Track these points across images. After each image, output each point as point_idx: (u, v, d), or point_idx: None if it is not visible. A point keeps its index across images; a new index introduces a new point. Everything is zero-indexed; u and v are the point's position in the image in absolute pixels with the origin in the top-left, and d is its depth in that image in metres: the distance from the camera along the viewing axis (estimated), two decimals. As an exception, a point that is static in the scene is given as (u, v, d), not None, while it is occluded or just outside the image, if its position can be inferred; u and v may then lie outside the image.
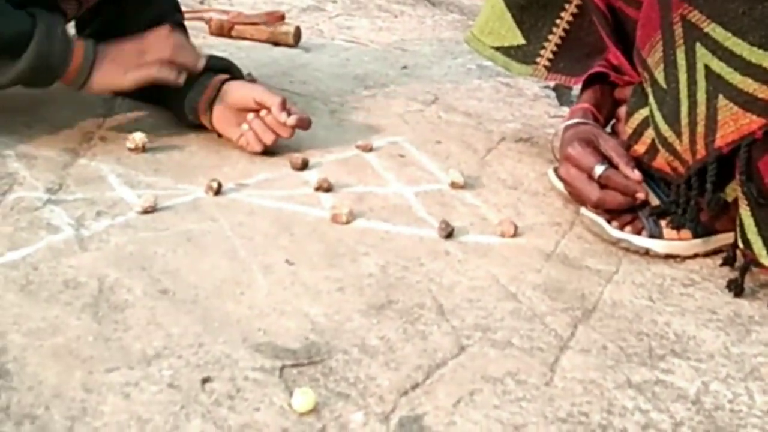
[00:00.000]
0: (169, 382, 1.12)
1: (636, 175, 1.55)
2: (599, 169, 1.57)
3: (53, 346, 1.16)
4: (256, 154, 1.73)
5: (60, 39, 1.60)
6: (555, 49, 1.79)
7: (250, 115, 1.74)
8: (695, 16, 1.41)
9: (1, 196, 1.49)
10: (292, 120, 1.71)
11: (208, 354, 1.18)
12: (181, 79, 1.72)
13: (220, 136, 1.78)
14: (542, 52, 1.79)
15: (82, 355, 1.15)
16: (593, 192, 1.57)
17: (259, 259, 1.41)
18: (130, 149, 1.68)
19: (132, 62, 1.68)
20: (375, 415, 1.11)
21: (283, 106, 1.71)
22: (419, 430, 1.09)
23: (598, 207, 1.58)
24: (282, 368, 1.17)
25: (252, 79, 2.08)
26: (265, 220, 1.52)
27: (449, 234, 1.53)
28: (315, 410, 1.10)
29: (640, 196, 1.55)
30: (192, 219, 1.50)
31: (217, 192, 1.58)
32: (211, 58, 1.82)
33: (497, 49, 1.83)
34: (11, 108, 1.69)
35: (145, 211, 1.49)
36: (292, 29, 2.45)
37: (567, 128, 1.68)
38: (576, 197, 1.64)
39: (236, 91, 1.76)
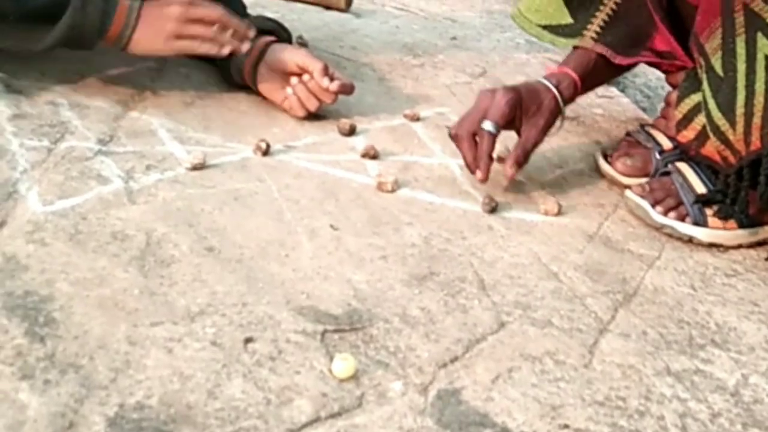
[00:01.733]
0: (212, 339, 1.13)
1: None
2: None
3: (99, 296, 1.17)
4: (304, 117, 1.73)
5: (97, 6, 1.58)
6: (602, 24, 1.77)
7: (294, 79, 1.73)
8: (758, 5, 1.39)
9: (53, 144, 1.50)
10: (334, 86, 1.70)
11: (251, 314, 1.19)
12: (225, 52, 1.67)
13: (264, 98, 1.78)
14: (589, 26, 1.77)
15: (128, 308, 1.16)
16: None
17: (305, 222, 1.41)
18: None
19: (176, 30, 1.63)
20: (414, 385, 1.12)
21: (325, 72, 1.70)
22: (457, 404, 1.10)
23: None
24: (323, 333, 1.18)
25: (302, 43, 2.08)
26: (311, 184, 1.53)
27: (493, 209, 1.54)
28: (355, 377, 1.11)
29: None
30: (240, 178, 1.50)
31: (266, 152, 1.58)
32: (259, 19, 1.82)
33: (544, 27, 1.81)
34: (65, 57, 1.69)
35: (194, 168, 1.50)
36: (344, -7, 2.44)
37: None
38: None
39: (279, 55, 1.75)
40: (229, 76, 1.79)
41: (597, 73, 1.72)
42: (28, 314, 1.12)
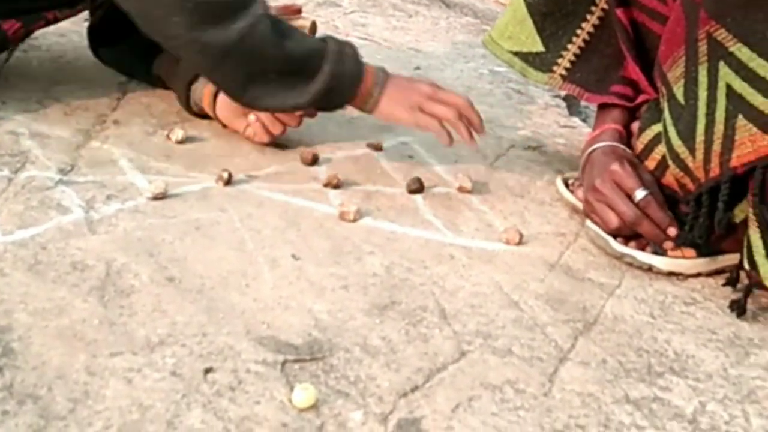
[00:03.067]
0: (171, 370, 1.13)
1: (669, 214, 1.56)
2: (641, 193, 1.56)
3: (58, 327, 1.17)
4: (266, 145, 1.73)
5: (351, 60, 1.64)
6: (573, 58, 1.78)
7: None
8: (722, 34, 1.40)
9: (14, 173, 1.50)
10: None
11: (211, 344, 1.19)
12: (449, 140, 1.70)
13: (225, 126, 1.78)
14: (560, 60, 1.79)
15: (87, 338, 1.16)
16: (629, 212, 1.56)
17: (266, 252, 1.41)
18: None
19: (420, 103, 1.68)
20: (374, 415, 1.12)
21: None
22: (417, 433, 1.10)
23: (630, 227, 1.56)
24: (284, 363, 1.18)
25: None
26: (273, 213, 1.53)
27: (414, 190, 1.66)
28: (315, 407, 1.11)
29: (671, 232, 1.54)
30: (201, 208, 1.50)
31: (227, 182, 1.58)
32: None
33: (515, 54, 1.82)
34: (26, 87, 1.69)
35: (155, 198, 1.50)
36: (308, 23, 2.44)
37: (604, 148, 1.66)
38: (599, 213, 1.61)
39: None
40: (188, 106, 1.79)
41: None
42: (-14, 345, 1.11)
